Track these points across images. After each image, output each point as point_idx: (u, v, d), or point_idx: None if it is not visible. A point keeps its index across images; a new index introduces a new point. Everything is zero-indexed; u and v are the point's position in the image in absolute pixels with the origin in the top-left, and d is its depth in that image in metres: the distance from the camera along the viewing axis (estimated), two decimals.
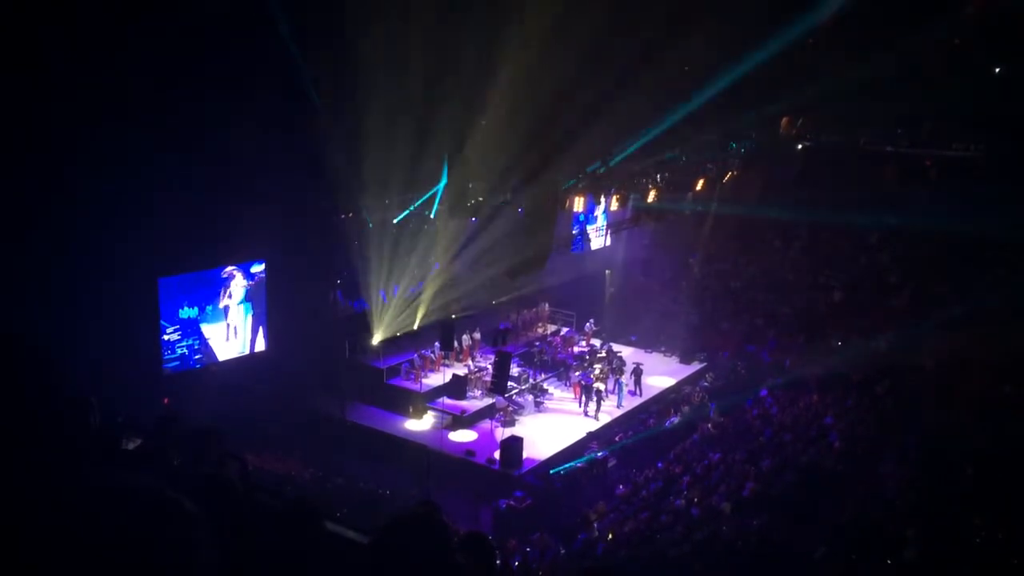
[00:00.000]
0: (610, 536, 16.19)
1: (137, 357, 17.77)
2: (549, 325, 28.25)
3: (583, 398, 23.06)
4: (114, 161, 15.28)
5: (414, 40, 19.23)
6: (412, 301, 23.92)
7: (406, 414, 22.38)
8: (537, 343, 26.22)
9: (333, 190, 20.35)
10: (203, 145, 16.72)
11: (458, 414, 22.13)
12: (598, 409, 22.70)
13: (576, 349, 26.51)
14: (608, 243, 29.69)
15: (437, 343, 24.05)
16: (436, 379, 23.47)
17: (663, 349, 27.67)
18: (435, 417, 22.38)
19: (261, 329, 20.96)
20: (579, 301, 28.65)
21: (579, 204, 26.58)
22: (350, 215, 21.90)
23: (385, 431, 21.75)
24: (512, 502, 18.36)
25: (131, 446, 4.71)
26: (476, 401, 22.97)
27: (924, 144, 27.58)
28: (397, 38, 19.03)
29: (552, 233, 23.72)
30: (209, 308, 19.67)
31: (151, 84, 15.54)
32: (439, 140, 21.24)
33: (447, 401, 22.77)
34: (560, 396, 24.13)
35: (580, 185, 25.23)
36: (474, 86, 20.48)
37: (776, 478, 17.03)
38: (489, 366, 23.45)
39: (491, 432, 21.50)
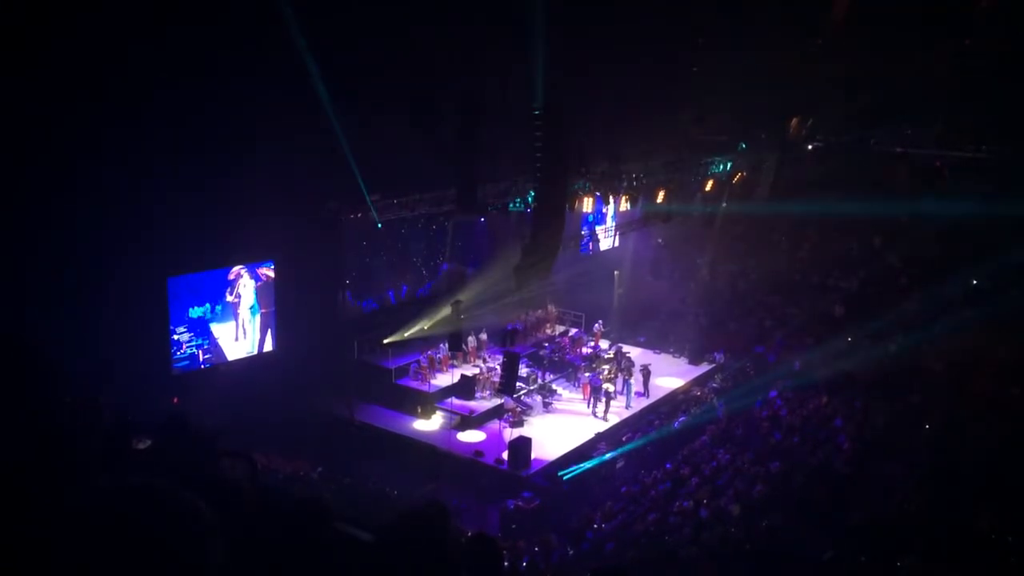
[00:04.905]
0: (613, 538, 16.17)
1: (146, 357, 17.85)
2: (557, 326, 28.21)
3: (592, 399, 23.03)
4: (123, 161, 15.35)
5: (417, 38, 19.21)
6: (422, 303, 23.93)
7: (414, 414, 22.41)
8: (546, 344, 26.18)
9: (342, 189, 20.37)
10: (212, 144, 16.77)
11: (467, 414, 22.12)
12: (607, 410, 22.66)
13: (584, 350, 26.44)
14: (617, 244, 29.62)
15: (444, 343, 24.06)
16: (445, 379, 23.48)
17: (672, 350, 27.62)
18: (444, 417, 22.39)
19: (270, 329, 21.01)
20: (587, 302, 28.63)
21: (588, 205, 26.51)
22: (359, 215, 21.92)
23: (393, 431, 21.78)
24: (520, 502, 18.35)
25: (141, 446, 4.72)
26: (485, 401, 22.95)
27: (935, 145, 27.41)
28: (402, 38, 19.02)
29: (560, 234, 23.68)
30: (218, 308, 19.73)
31: (159, 83, 15.59)
32: (449, 139, 21.21)
33: (455, 401, 22.75)
34: (568, 397, 24.11)
35: (589, 186, 25.18)
36: (480, 86, 20.45)
37: (785, 480, 16.99)
38: (498, 367, 23.45)
39: (499, 433, 21.48)
